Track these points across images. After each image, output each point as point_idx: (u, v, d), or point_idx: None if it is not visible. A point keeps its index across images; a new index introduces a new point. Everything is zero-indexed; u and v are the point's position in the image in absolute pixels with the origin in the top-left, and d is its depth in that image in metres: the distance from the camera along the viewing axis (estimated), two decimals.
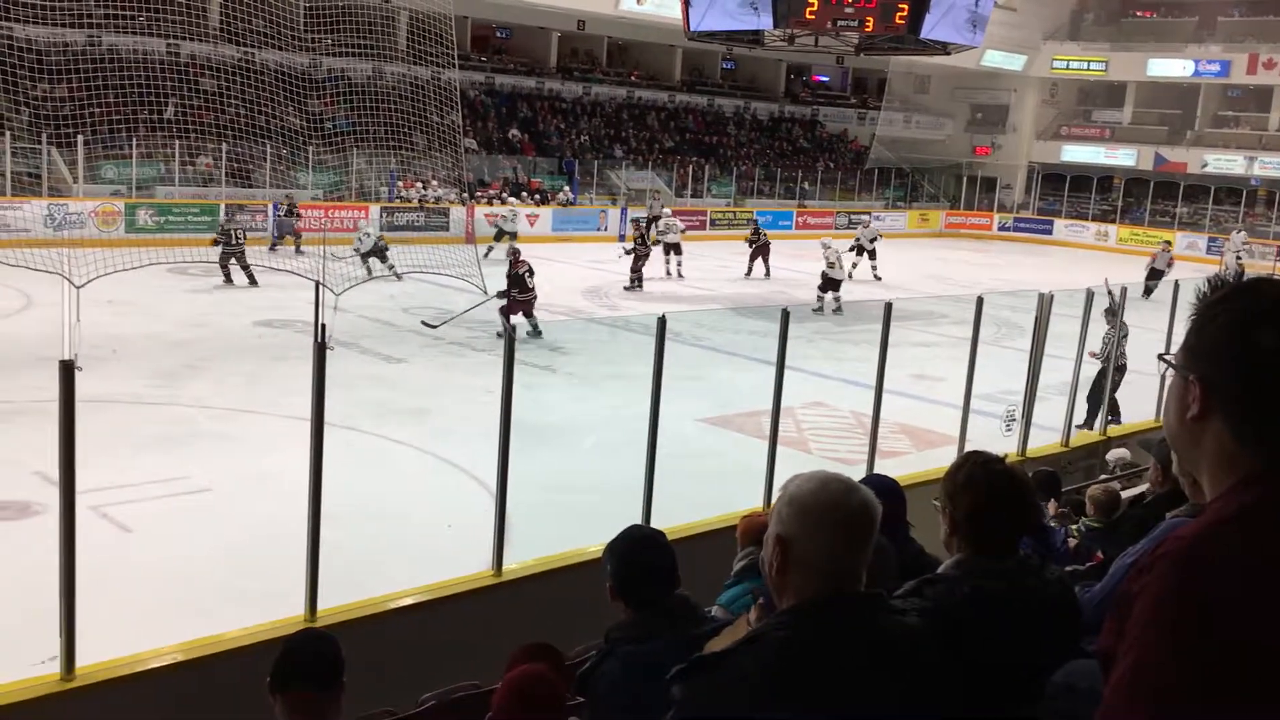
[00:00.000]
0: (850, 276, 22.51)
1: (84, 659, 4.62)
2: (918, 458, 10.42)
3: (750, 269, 24.60)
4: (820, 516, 1.79)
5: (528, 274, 16.20)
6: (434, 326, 6.74)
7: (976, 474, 2.40)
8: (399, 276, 19.04)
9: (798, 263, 24.88)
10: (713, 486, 8.47)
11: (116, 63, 20.13)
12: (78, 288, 6.59)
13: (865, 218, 30.97)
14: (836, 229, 34.96)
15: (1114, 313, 11.41)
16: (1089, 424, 11.02)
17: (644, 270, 21.92)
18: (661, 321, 6.56)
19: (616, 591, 3.06)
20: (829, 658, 1.70)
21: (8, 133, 22.25)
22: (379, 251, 20.37)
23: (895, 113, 41.96)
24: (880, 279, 25.10)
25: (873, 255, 25.68)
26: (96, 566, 5.06)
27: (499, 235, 25.16)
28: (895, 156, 40.48)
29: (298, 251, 22.82)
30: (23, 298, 16.01)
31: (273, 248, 23.59)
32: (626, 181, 34.74)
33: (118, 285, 11.88)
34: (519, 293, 15.95)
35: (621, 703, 2.64)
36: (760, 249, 24.46)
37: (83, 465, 4.61)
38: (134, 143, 23.32)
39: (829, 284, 20.18)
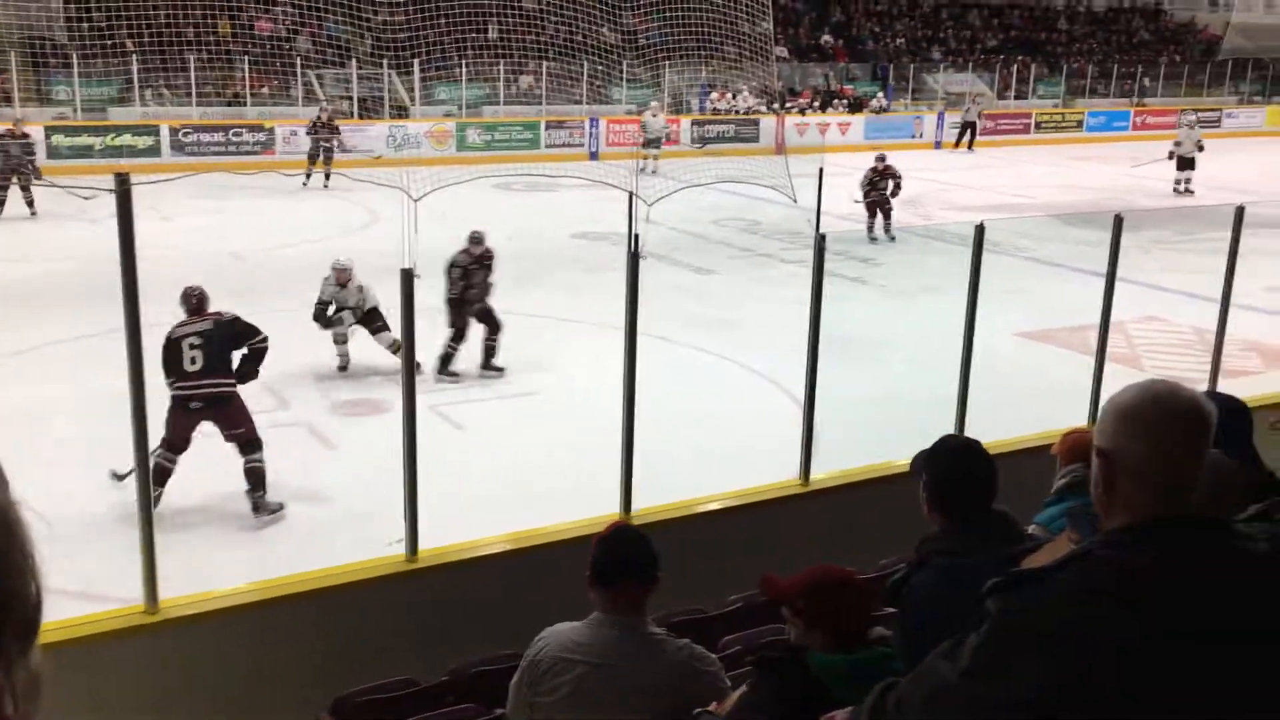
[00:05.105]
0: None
1: (425, 543, 5.06)
2: (1270, 378, 9.50)
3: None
4: (1143, 418, 1.65)
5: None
6: (121, 478, 5.87)
7: None
8: (342, 368, 9.96)
9: (1135, 168, 23.05)
10: (1031, 403, 8.11)
11: None
12: (415, 200, 7.09)
13: (1192, 117, 25.57)
14: (1181, 127, 32.05)
15: None
16: None
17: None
18: (979, 230, 6.26)
19: (933, 503, 2.96)
20: (1159, 581, 1.57)
21: (354, 59, 24.09)
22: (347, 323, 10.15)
23: None
24: (1191, 193, 21.69)
25: (1189, 164, 22.16)
26: (434, 461, 5.49)
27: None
28: (1254, 45, 36.27)
29: (327, 178, 20.40)
30: (369, 214, 17.42)
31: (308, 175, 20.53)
32: (945, 85, 33.19)
33: (449, 201, 12.71)
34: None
35: (933, 615, 2.57)
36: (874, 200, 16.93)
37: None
38: (463, 65, 24.62)
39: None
